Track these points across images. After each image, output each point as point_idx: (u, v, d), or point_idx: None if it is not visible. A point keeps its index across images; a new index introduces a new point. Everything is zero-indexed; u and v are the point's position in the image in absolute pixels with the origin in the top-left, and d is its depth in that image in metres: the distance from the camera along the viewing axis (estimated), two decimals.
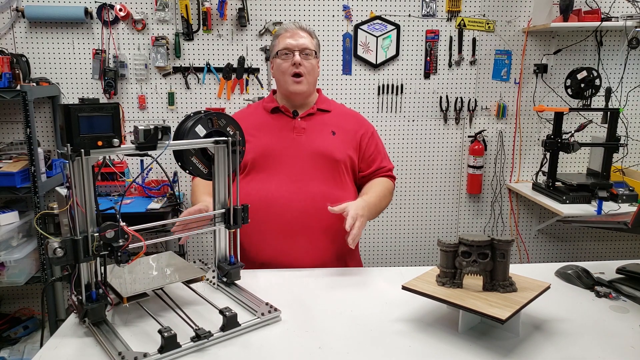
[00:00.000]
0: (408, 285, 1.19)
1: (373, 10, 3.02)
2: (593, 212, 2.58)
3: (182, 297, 1.30)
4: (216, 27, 2.95)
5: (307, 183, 1.63)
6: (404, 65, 3.10)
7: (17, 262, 2.56)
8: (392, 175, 1.82)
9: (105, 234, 1.06)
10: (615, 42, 3.14)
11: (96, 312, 1.11)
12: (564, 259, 3.27)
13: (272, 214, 1.60)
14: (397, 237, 3.31)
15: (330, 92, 3.08)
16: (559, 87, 3.10)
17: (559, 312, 1.25)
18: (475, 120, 3.19)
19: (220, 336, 1.11)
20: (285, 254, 1.61)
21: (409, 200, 3.27)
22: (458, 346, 1.09)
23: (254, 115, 1.75)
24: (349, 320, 1.22)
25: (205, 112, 1.26)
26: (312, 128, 1.71)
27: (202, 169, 1.30)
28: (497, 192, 3.29)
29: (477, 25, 3.08)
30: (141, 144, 1.10)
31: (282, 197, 1.61)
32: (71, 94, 2.94)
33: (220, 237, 1.37)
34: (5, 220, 2.61)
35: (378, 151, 1.80)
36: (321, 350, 1.08)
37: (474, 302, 1.09)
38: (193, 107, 3.01)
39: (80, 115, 1.02)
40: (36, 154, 2.51)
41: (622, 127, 3.05)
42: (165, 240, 1.29)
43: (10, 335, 2.87)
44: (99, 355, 1.05)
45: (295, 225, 1.60)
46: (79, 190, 1.04)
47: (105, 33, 2.89)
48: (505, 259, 1.15)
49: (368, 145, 1.78)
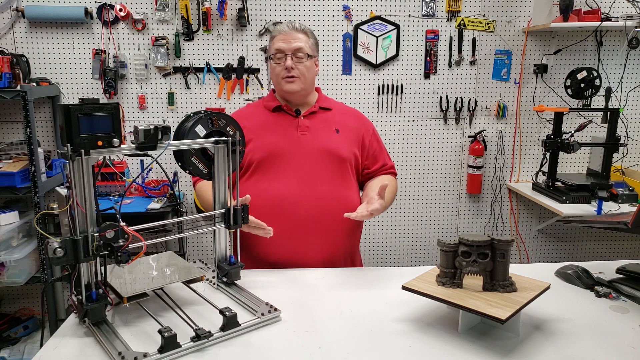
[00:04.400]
0: (408, 285, 1.19)
1: (373, 10, 3.02)
2: (593, 212, 2.58)
3: (182, 297, 1.30)
4: (216, 27, 2.95)
5: (315, 182, 1.63)
6: (404, 65, 3.10)
7: (17, 262, 2.56)
8: (394, 172, 1.85)
9: (105, 234, 1.06)
10: (615, 42, 3.14)
11: (96, 312, 1.11)
12: (564, 259, 3.27)
13: (282, 214, 1.60)
14: (397, 237, 3.31)
15: (330, 92, 3.08)
16: (559, 87, 3.10)
17: (559, 312, 1.25)
18: (475, 120, 3.19)
19: (220, 336, 1.11)
20: (296, 254, 1.61)
21: (409, 200, 3.27)
22: (458, 346, 1.09)
23: (256, 115, 1.75)
24: (349, 320, 1.22)
25: (205, 112, 1.26)
26: (316, 126, 1.71)
27: (202, 169, 1.30)
28: (497, 192, 3.29)
29: (477, 25, 3.08)
30: (141, 144, 1.10)
31: (292, 196, 1.61)
32: (71, 94, 2.94)
33: (220, 237, 1.37)
34: (5, 220, 2.61)
35: (381, 148, 1.83)
36: (321, 350, 1.08)
37: (474, 302, 1.09)
38: (193, 107, 3.01)
39: (80, 115, 1.02)
40: (36, 154, 2.51)
41: (622, 127, 3.06)
42: (165, 240, 1.28)
43: (10, 335, 2.87)
44: (99, 355, 1.05)
45: (305, 224, 1.60)
46: (79, 190, 1.04)
47: (105, 33, 2.89)
48: (505, 259, 1.15)
49: (371, 142, 1.79)
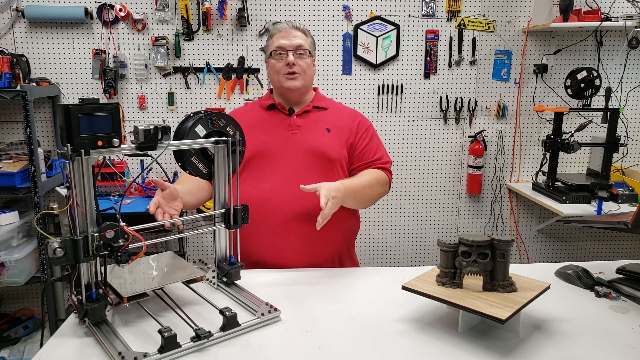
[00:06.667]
0: (408, 285, 1.19)
1: (373, 10, 3.02)
2: (593, 212, 2.58)
3: (182, 297, 1.30)
4: (216, 27, 2.95)
5: (300, 182, 1.61)
6: (404, 65, 3.10)
7: (17, 262, 2.56)
8: (386, 168, 1.75)
9: (105, 234, 1.06)
10: (615, 42, 3.14)
11: (96, 312, 1.11)
12: (564, 259, 3.27)
13: (266, 213, 1.60)
14: (397, 237, 3.31)
15: (330, 92, 3.08)
16: (559, 87, 3.10)
17: (559, 312, 1.25)
18: (475, 120, 3.19)
19: (220, 336, 1.11)
20: (279, 254, 1.60)
21: (409, 200, 3.27)
22: (458, 346, 1.09)
23: (250, 114, 1.75)
24: (349, 320, 1.22)
25: (205, 112, 1.26)
26: (308, 125, 1.70)
27: (202, 169, 1.30)
28: (497, 192, 3.29)
29: (477, 25, 3.08)
30: (141, 144, 1.10)
31: (276, 196, 1.61)
32: (71, 94, 2.94)
33: (220, 237, 1.37)
34: (5, 220, 2.61)
35: (372, 145, 1.75)
36: (321, 350, 1.08)
37: (474, 302, 1.09)
38: (193, 107, 3.01)
39: (80, 115, 1.02)
40: (36, 154, 2.51)
41: (622, 127, 3.05)
42: (165, 240, 1.28)
43: (10, 335, 2.87)
44: (99, 355, 1.05)
45: (289, 224, 1.60)
46: (79, 190, 1.04)
47: (105, 33, 2.89)
48: (505, 259, 1.15)
49: (362, 138, 1.73)
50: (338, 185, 1.51)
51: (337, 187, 1.50)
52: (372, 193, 1.68)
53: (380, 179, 1.70)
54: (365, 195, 1.65)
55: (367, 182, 1.65)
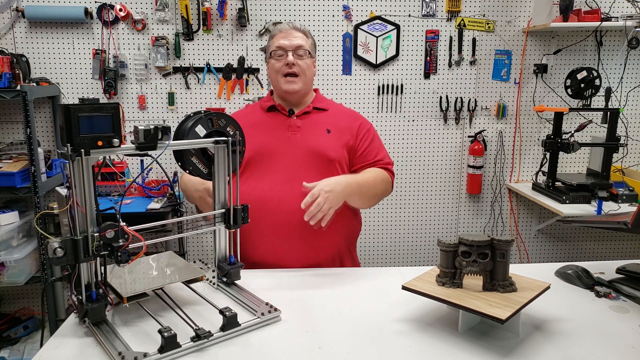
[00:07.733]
0: (408, 285, 1.19)
1: (373, 10, 3.02)
2: (593, 212, 2.58)
3: (182, 297, 1.30)
4: (216, 27, 2.95)
5: (300, 183, 1.61)
6: (404, 65, 3.10)
7: (17, 262, 2.56)
8: (388, 168, 1.75)
9: (105, 234, 1.06)
10: (615, 42, 3.14)
11: (96, 312, 1.11)
12: (564, 259, 3.27)
13: (266, 214, 1.60)
14: (397, 237, 3.31)
15: (330, 92, 3.08)
16: (559, 87, 3.10)
17: (559, 312, 1.25)
18: (475, 120, 3.19)
19: (220, 336, 1.11)
20: (279, 254, 1.60)
21: (409, 200, 3.27)
22: (458, 346, 1.09)
23: (251, 115, 1.75)
24: (349, 320, 1.22)
25: (205, 112, 1.26)
26: (307, 126, 1.70)
27: (202, 169, 1.30)
28: (497, 192, 3.29)
29: (477, 25, 3.08)
30: (141, 144, 1.10)
31: (275, 197, 1.61)
32: (71, 94, 2.94)
33: (220, 237, 1.37)
34: (5, 220, 2.61)
35: (374, 146, 1.76)
36: (321, 350, 1.08)
37: (474, 302, 1.09)
38: (193, 107, 3.01)
39: (80, 115, 1.02)
40: (36, 154, 2.51)
41: (622, 127, 3.05)
42: (165, 240, 1.28)
43: (10, 335, 2.87)
44: (99, 355, 1.05)
45: (289, 225, 1.59)
46: (79, 190, 1.04)
47: (105, 33, 2.89)
48: (505, 259, 1.15)
49: (363, 139, 1.74)
50: (338, 179, 1.52)
51: (337, 180, 1.51)
52: (377, 189, 1.68)
53: (384, 177, 1.71)
54: (371, 189, 1.65)
55: (370, 177, 1.66)
